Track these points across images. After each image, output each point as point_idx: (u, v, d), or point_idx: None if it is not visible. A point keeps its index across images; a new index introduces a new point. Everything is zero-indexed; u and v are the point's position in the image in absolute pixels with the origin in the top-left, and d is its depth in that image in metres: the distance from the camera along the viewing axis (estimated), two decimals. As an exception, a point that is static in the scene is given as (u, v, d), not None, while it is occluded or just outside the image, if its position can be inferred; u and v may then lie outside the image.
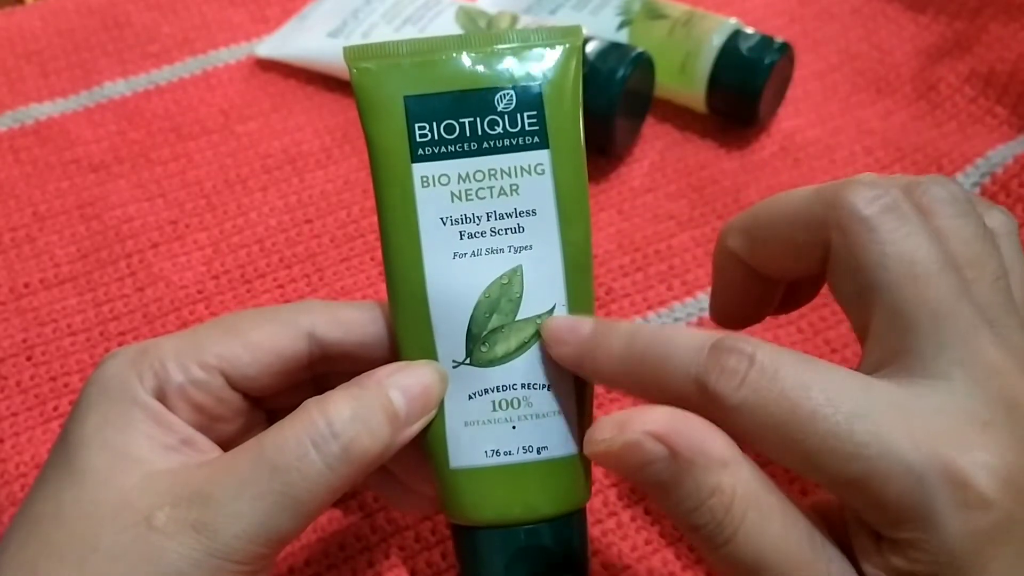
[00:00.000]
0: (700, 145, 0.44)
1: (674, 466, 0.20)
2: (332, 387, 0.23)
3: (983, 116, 0.44)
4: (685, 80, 0.43)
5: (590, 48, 0.41)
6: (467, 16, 0.44)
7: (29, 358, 0.36)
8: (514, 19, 0.43)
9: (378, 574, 0.30)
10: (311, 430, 0.22)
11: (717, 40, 0.42)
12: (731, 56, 0.41)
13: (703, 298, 0.37)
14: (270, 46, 0.48)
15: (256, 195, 0.42)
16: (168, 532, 0.21)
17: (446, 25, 0.44)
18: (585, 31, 0.42)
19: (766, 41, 0.41)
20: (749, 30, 0.42)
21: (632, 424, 0.21)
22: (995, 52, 0.45)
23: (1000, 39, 0.46)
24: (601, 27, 0.44)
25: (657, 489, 0.21)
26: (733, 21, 0.42)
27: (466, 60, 0.24)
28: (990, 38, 0.46)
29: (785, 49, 0.42)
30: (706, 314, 0.37)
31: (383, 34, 0.45)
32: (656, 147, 0.43)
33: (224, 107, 0.46)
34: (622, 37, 0.43)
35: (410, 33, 0.44)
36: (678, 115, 0.44)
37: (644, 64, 0.41)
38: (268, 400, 0.25)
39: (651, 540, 0.30)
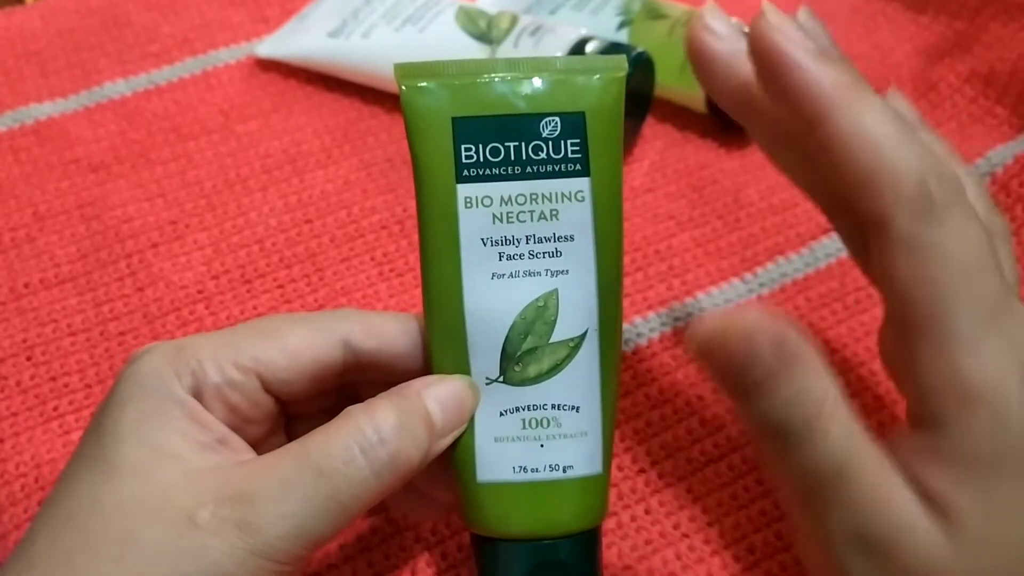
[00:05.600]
0: (700, 145, 0.44)
1: (782, 355, 0.21)
2: (360, 396, 0.24)
3: (983, 116, 0.44)
4: (685, 80, 0.42)
5: (590, 48, 0.41)
6: (467, 16, 0.44)
7: (29, 358, 0.36)
8: (514, 19, 0.43)
9: (378, 574, 0.30)
10: (359, 436, 0.22)
11: (717, 40, 0.42)
12: (731, 56, 0.41)
13: (703, 298, 0.37)
14: (270, 46, 0.48)
15: (256, 195, 0.42)
16: (212, 529, 0.21)
17: (446, 25, 0.44)
18: (584, 31, 0.42)
19: (766, 41, 0.41)
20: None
21: (748, 311, 0.21)
22: (995, 52, 0.45)
23: (1000, 39, 0.46)
24: (601, 27, 0.44)
25: (756, 381, 0.21)
26: (734, 21, 0.42)
27: (514, 85, 0.24)
28: (990, 38, 0.46)
29: (785, 49, 0.42)
30: (706, 314, 0.37)
31: (383, 34, 0.45)
32: (656, 147, 0.43)
33: (224, 107, 0.46)
34: (622, 37, 0.43)
35: (410, 33, 0.44)
36: (678, 115, 0.44)
37: (644, 64, 0.41)
38: (294, 406, 0.26)
39: (651, 540, 0.30)
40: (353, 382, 0.26)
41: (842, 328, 0.36)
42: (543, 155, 0.24)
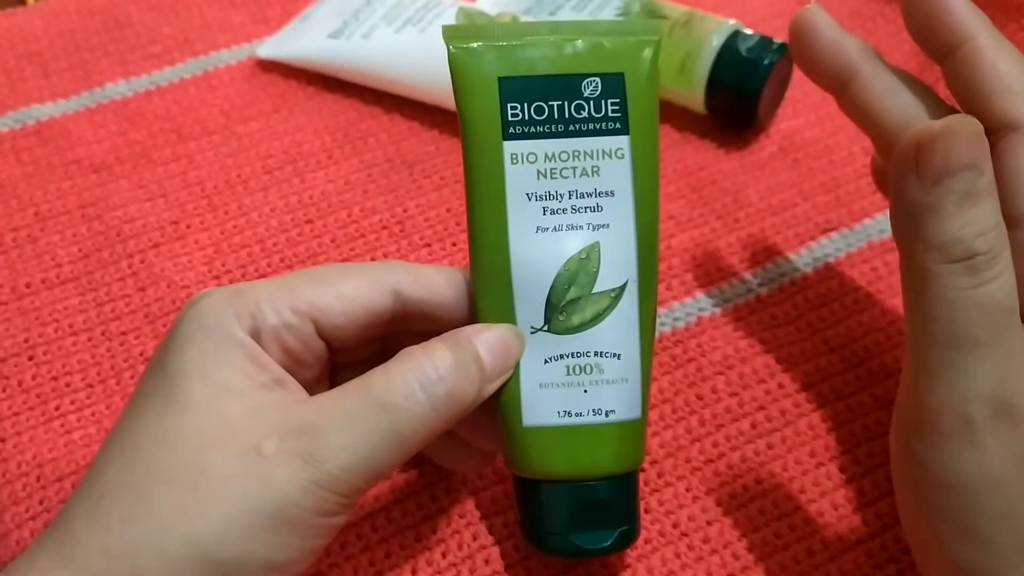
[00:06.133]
0: (699, 145, 0.44)
1: (985, 181, 0.22)
2: (403, 347, 0.25)
3: (982, 116, 0.44)
4: (684, 80, 0.43)
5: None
6: (467, 18, 0.44)
7: (31, 358, 0.36)
8: (514, 20, 0.43)
9: (379, 573, 0.30)
10: (419, 373, 0.23)
11: (716, 41, 0.42)
12: (730, 57, 0.41)
13: (702, 298, 0.37)
14: (271, 47, 0.48)
15: (257, 195, 0.42)
16: (278, 460, 0.22)
17: (446, 26, 0.44)
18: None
19: (765, 42, 0.42)
20: (748, 31, 0.42)
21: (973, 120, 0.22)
22: (994, 52, 0.45)
23: (999, 40, 0.46)
24: (601, 28, 0.44)
25: (960, 198, 0.22)
26: (732, 22, 0.43)
27: (557, 46, 0.26)
28: (989, 39, 0.46)
29: (784, 49, 0.42)
30: (706, 314, 0.37)
31: (383, 35, 0.45)
32: (656, 147, 0.44)
33: (225, 108, 0.46)
34: (622, 38, 0.43)
35: (410, 34, 0.44)
36: (677, 115, 0.45)
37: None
38: (341, 353, 0.27)
39: (651, 540, 0.30)
40: (396, 333, 0.27)
41: (841, 328, 0.36)
42: (585, 114, 0.25)
